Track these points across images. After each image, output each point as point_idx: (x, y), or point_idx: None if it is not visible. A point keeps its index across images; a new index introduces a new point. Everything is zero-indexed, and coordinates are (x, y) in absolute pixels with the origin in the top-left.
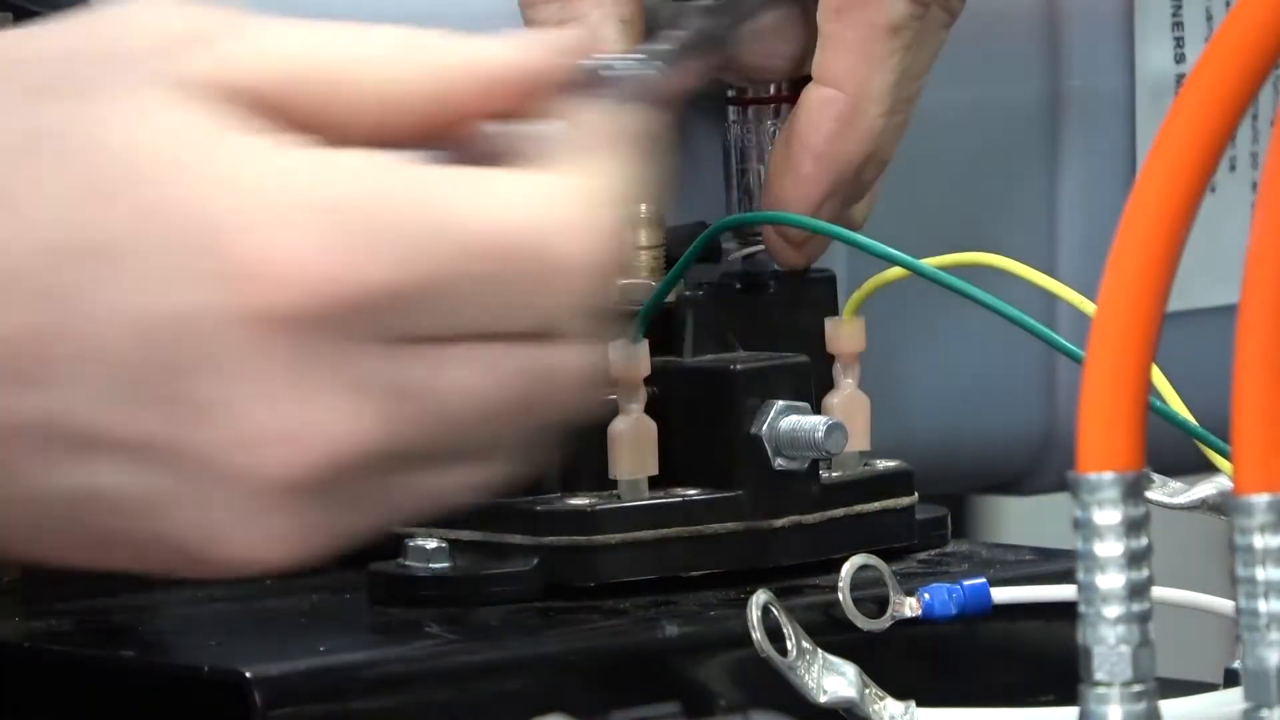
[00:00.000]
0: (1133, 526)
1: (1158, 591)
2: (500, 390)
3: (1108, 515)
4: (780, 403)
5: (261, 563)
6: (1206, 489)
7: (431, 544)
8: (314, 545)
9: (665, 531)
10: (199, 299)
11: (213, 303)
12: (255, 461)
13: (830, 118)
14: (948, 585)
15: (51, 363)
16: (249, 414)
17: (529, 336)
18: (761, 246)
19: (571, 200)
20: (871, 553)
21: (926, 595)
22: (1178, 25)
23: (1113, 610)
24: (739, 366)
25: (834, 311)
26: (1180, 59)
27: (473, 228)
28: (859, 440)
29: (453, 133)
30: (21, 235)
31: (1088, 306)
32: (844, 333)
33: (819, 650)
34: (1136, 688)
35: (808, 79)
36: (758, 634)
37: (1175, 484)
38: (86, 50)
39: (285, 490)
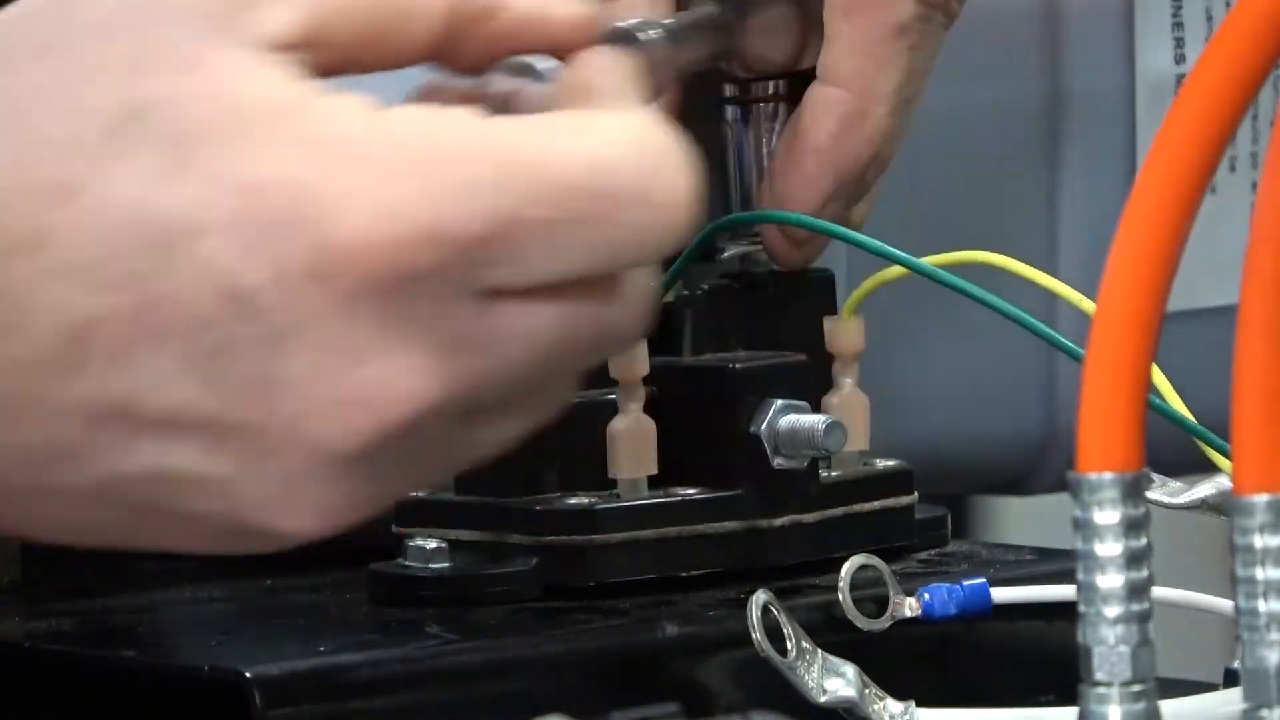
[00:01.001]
0: (1133, 526)
1: (1158, 591)
2: (563, 342)
3: (1108, 515)
4: (779, 402)
5: (326, 529)
6: (1206, 489)
7: (431, 544)
8: (373, 505)
9: (665, 531)
10: (286, 269)
11: (301, 271)
12: (331, 429)
13: (835, 117)
14: (948, 585)
15: (134, 344)
16: (333, 381)
17: (597, 285)
18: (758, 246)
19: (642, 137)
20: (871, 553)
21: (926, 595)
22: (1178, 25)
23: (1113, 610)
24: (738, 366)
25: (833, 311)
26: (1180, 59)
27: (551, 172)
28: (859, 440)
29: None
30: (108, 216)
31: (1088, 306)
32: (843, 332)
33: (819, 650)
34: (1136, 688)
35: (805, 78)
36: (758, 634)
37: (1175, 484)
38: (158, 10)
39: (357, 455)
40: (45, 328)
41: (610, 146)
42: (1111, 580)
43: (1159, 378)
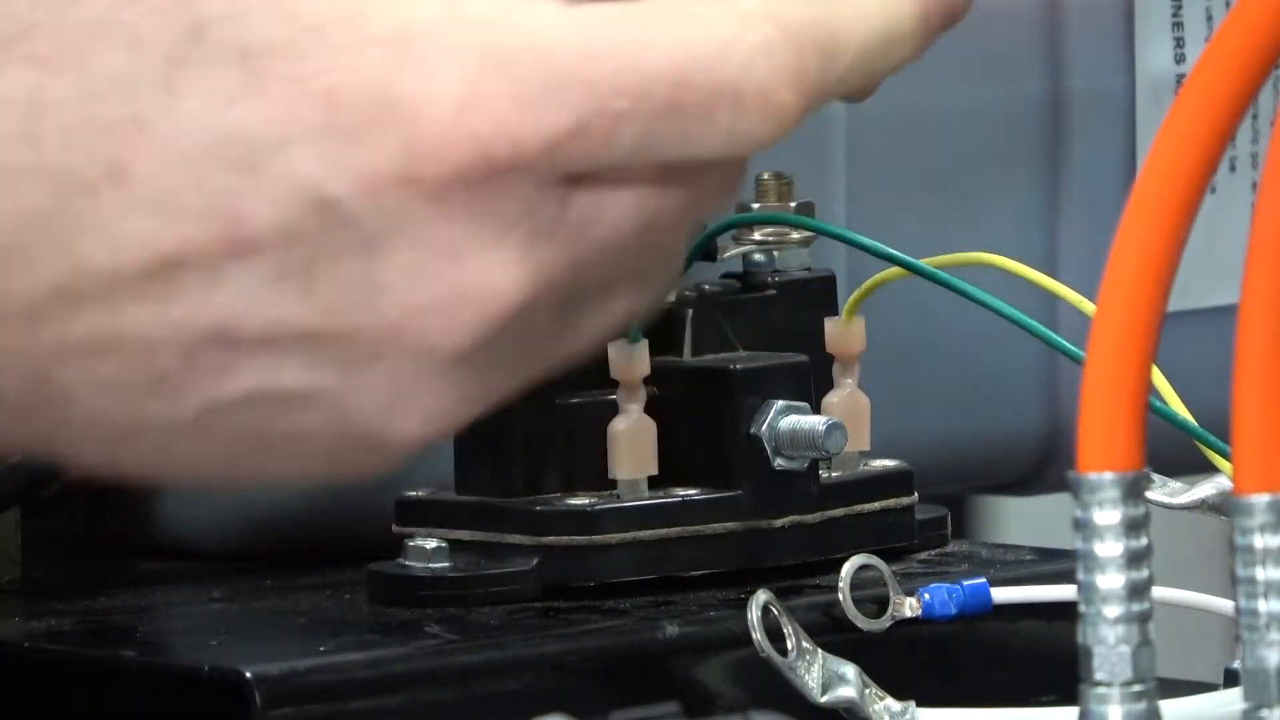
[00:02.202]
0: (1133, 526)
1: (1158, 591)
2: (652, 225)
3: (1108, 515)
4: (780, 402)
5: (436, 432)
6: (1206, 489)
7: (431, 544)
8: (481, 404)
9: (665, 531)
10: (373, 174)
11: (388, 175)
12: (435, 329)
13: None
14: (948, 585)
15: (224, 265)
16: (431, 281)
17: (683, 170)
18: (755, 247)
19: (739, 30)
20: (871, 553)
21: (926, 595)
22: (1178, 25)
23: (1113, 610)
24: (739, 366)
25: (834, 311)
26: (1180, 59)
27: (640, 66)
28: (859, 440)
29: None
30: (182, 142)
31: (1088, 306)
32: (844, 333)
33: (819, 650)
34: (1136, 688)
35: None
36: (758, 634)
37: (1175, 484)
38: None
39: (463, 353)
40: (133, 260)
41: (704, 40)
42: (1112, 580)
43: (1159, 378)
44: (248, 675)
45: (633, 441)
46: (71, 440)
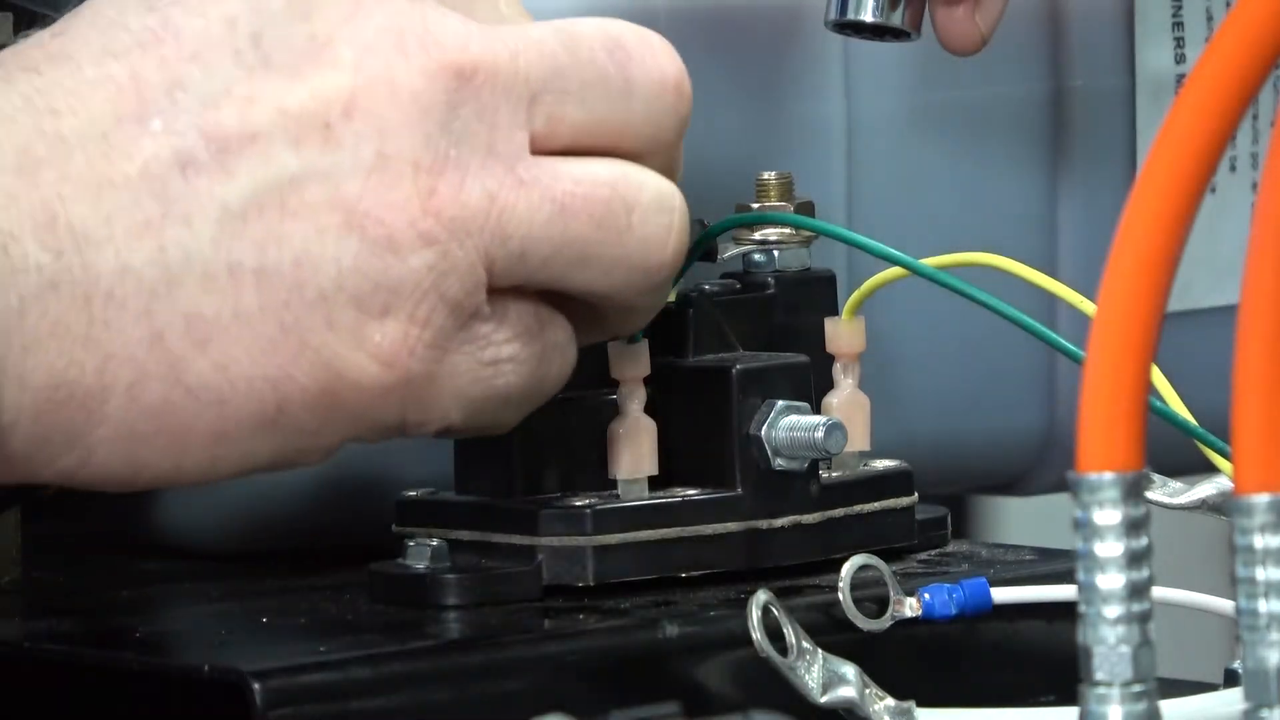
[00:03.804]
0: (1133, 526)
1: (1158, 591)
2: (601, 197)
3: (1108, 515)
4: (780, 403)
5: (429, 207)
6: (1206, 489)
7: (431, 544)
8: (459, 187)
9: (665, 531)
10: None
11: None
12: (397, 59)
13: None
14: (948, 585)
15: (183, 71)
16: (383, 18)
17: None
18: (755, 247)
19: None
20: (871, 553)
21: (926, 595)
22: (1178, 25)
23: (1113, 610)
24: (739, 366)
25: (834, 311)
26: (1180, 59)
27: (580, 31)
28: (859, 440)
29: None
30: None
31: (1088, 306)
32: (844, 333)
33: (819, 650)
34: (1136, 688)
35: None
36: (758, 634)
37: (1175, 484)
38: None
39: (437, 94)
40: (100, 100)
41: (615, 23)
42: (1112, 580)
43: (1159, 378)
44: (248, 675)
45: (633, 441)
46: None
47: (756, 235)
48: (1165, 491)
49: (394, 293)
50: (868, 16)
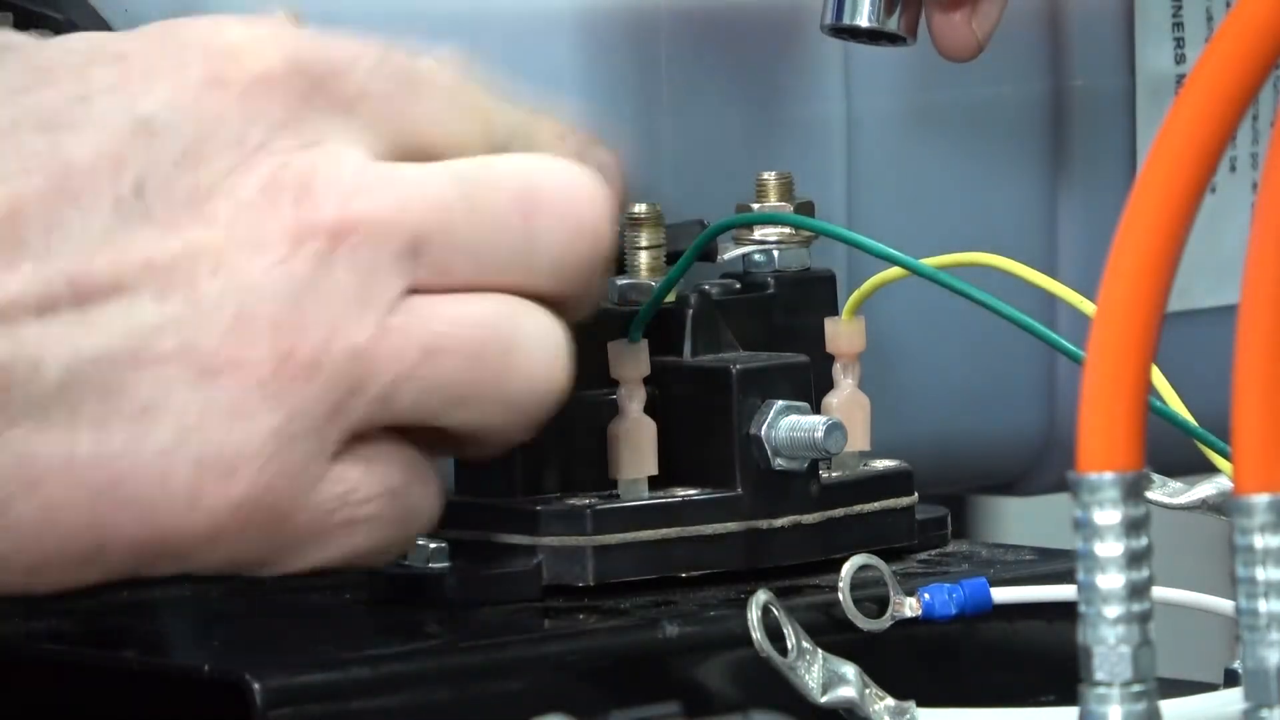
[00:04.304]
0: (1133, 526)
1: (1158, 591)
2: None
3: (1108, 515)
4: (780, 403)
5: (280, 348)
6: (1206, 489)
7: (431, 544)
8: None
9: (665, 531)
10: (183, 82)
11: (199, 78)
12: (270, 222)
13: None
14: (948, 585)
15: (63, 213)
16: (258, 175)
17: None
18: (755, 247)
19: (565, 164)
20: (871, 553)
21: (926, 595)
22: (1178, 25)
23: (1113, 610)
24: (739, 366)
25: (834, 311)
26: (1180, 59)
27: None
28: (859, 440)
29: None
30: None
31: (1088, 306)
32: (844, 333)
33: (819, 650)
34: (1136, 688)
35: None
36: (758, 634)
37: (1175, 484)
38: None
39: (307, 244)
40: None
41: (537, 166)
42: (1112, 580)
43: (1159, 378)
44: (248, 675)
45: (633, 441)
46: None
47: (756, 235)
48: (1165, 491)
49: (237, 454)
50: (863, 21)
